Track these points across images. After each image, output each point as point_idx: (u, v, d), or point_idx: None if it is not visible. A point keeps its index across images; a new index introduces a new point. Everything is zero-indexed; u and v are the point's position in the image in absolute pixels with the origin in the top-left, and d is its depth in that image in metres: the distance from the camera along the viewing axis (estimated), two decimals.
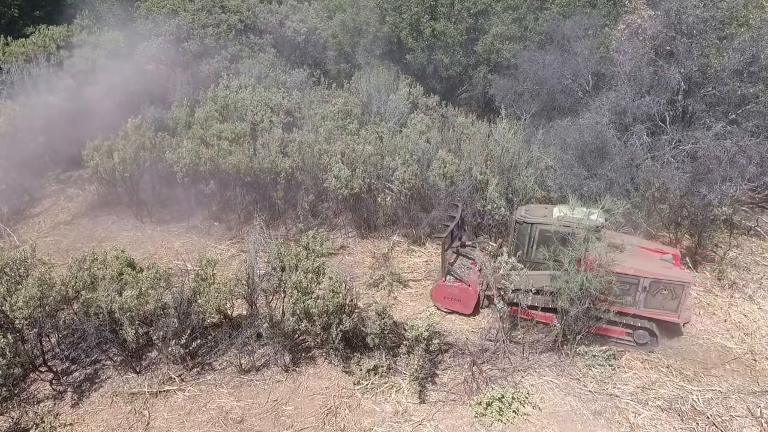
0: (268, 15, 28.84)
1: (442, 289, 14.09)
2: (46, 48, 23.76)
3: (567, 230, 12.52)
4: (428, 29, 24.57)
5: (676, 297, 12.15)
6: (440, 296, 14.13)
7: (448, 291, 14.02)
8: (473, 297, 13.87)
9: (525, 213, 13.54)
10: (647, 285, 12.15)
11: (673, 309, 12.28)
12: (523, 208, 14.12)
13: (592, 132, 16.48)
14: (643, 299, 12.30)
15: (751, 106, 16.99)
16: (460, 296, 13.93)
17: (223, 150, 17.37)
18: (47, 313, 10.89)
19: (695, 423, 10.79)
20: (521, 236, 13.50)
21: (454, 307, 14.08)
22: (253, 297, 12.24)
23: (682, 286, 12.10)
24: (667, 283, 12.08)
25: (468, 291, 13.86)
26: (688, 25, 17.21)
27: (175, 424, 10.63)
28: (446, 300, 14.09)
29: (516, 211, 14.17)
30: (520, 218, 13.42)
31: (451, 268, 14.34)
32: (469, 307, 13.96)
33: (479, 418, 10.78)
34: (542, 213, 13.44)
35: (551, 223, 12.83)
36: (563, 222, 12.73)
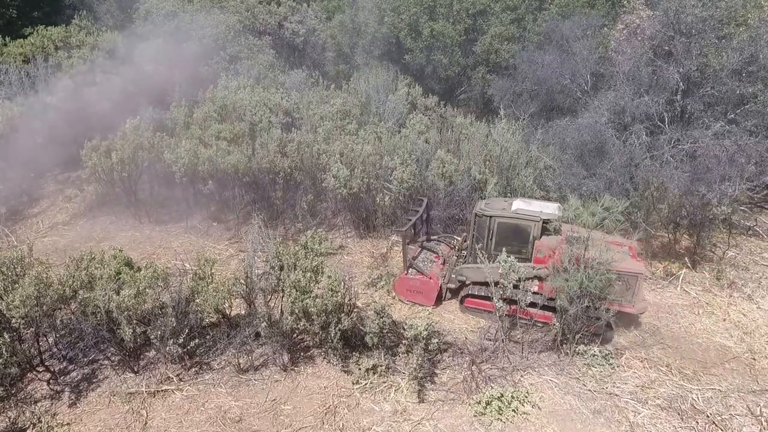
0: (266, 16, 28.85)
1: (404, 282, 14.35)
2: (44, 49, 23.80)
3: (524, 223, 13.04)
4: (427, 30, 24.59)
5: (630, 288, 12.23)
6: (403, 289, 14.38)
7: (410, 284, 14.29)
8: (434, 289, 14.16)
9: (484, 206, 13.77)
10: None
11: (628, 300, 12.34)
12: (483, 201, 14.33)
13: (590, 131, 16.49)
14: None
15: (750, 105, 17.00)
16: (422, 288, 14.21)
17: (221, 150, 17.34)
18: (44, 313, 10.84)
19: (695, 422, 10.76)
20: (481, 229, 13.73)
21: (416, 299, 14.34)
22: (251, 296, 12.20)
23: (635, 277, 12.18)
24: (621, 274, 12.04)
25: (429, 284, 14.14)
26: (686, 25, 17.22)
27: (173, 423, 10.58)
28: (408, 292, 14.36)
29: (476, 204, 14.32)
30: (480, 211, 13.65)
31: (413, 262, 14.59)
32: (431, 299, 14.24)
33: (478, 417, 10.73)
34: (501, 206, 13.69)
35: (509, 216, 13.21)
36: (519, 215, 13.13)
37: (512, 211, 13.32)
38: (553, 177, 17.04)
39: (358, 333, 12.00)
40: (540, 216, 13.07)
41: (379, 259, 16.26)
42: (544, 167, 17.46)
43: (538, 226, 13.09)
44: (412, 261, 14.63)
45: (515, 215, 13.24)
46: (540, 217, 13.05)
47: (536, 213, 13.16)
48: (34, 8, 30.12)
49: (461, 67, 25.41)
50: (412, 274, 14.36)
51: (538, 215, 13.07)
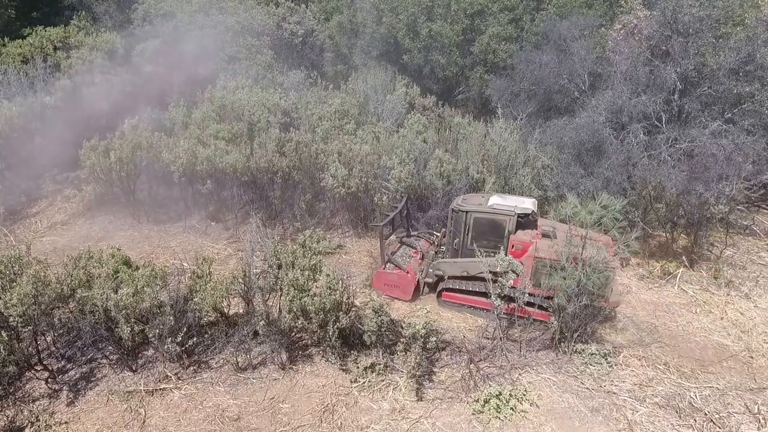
0: (265, 17, 28.87)
1: (382, 276, 14.53)
2: (42, 49, 23.79)
3: (499, 217, 13.28)
4: (425, 30, 24.62)
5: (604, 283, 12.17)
6: (380, 283, 14.53)
7: (388, 278, 14.48)
8: (411, 283, 14.35)
9: (461, 202, 13.98)
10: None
11: (603, 294, 12.28)
12: (460, 197, 14.56)
13: (588, 130, 16.51)
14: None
15: (747, 105, 17.04)
16: (399, 283, 14.40)
17: (219, 150, 17.35)
18: (42, 311, 10.83)
19: (693, 420, 10.76)
20: (457, 224, 13.91)
21: (394, 293, 14.49)
22: (249, 295, 12.19)
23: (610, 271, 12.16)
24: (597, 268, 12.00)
25: (406, 278, 14.33)
26: (684, 24, 17.26)
27: (171, 422, 10.57)
28: (386, 287, 14.51)
29: (453, 200, 14.53)
30: (456, 207, 13.86)
31: (391, 257, 14.83)
32: (408, 293, 14.42)
33: (477, 416, 10.73)
34: (478, 201, 13.92)
35: (485, 211, 13.43)
36: (494, 209, 13.36)
37: (488, 206, 13.53)
38: (550, 176, 17.08)
39: (356, 331, 12.01)
40: (515, 210, 13.26)
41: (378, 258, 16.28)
42: (541, 167, 17.48)
43: (513, 221, 13.26)
44: (390, 256, 14.90)
45: (491, 210, 13.45)
46: (515, 212, 13.24)
47: (511, 207, 13.35)
48: (32, 9, 30.16)
49: (459, 68, 25.45)
50: (389, 269, 14.58)
51: (513, 210, 13.26)
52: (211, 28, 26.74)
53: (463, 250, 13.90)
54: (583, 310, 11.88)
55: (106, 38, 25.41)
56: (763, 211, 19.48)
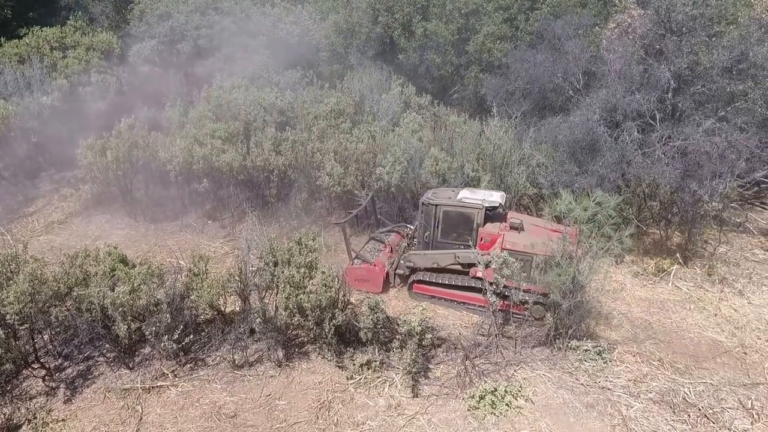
0: (261, 17, 28.91)
1: (351, 272, 14.67)
2: (39, 49, 23.78)
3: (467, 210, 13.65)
4: (420, 29, 24.69)
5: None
6: (351, 278, 14.43)
7: (357, 273, 14.74)
8: (380, 276, 14.76)
9: (431, 195, 14.32)
10: (540, 261, 12.47)
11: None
12: (431, 191, 14.92)
13: (583, 128, 16.58)
14: (536, 275, 12.58)
15: (740, 103, 17.11)
16: (368, 276, 14.78)
17: (216, 148, 17.38)
18: (39, 309, 10.87)
19: (687, 415, 10.83)
20: (428, 217, 14.19)
21: (364, 287, 14.76)
22: (245, 292, 12.24)
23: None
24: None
25: (374, 271, 14.74)
26: (677, 23, 17.32)
27: (168, 419, 10.61)
28: (357, 281, 14.66)
29: (424, 194, 14.77)
30: (426, 200, 14.15)
31: (359, 252, 15.27)
32: (378, 286, 14.83)
33: (472, 412, 10.79)
34: (447, 195, 14.25)
35: (453, 205, 13.80)
36: (462, 203, 13.71)
37: (457, 200, 13.83)
38: (545, 174, 17.15)
39: (352, 329, 12.06)
40: (483, 204, 13.57)
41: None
42: (536, 165, 17.55)
43: (480, 214, 13.62)
44: (356, 251, 15.32)
45: (459, 204, 13.77)
46: (483, 205, 13.56)
47: (479, 201, 13.65)
48: (29, 9, 30.13)
49: (454, 67, 25.51)
50: (357, 264, 14.90)
51: (481, 203, 13.57)
52: (207, 28, 26.76)
53: (433, 242, 14.25)
54: (578, 306, 11.95)
55: (103, 38, 25.42)
56: (756, 209, 19.57)
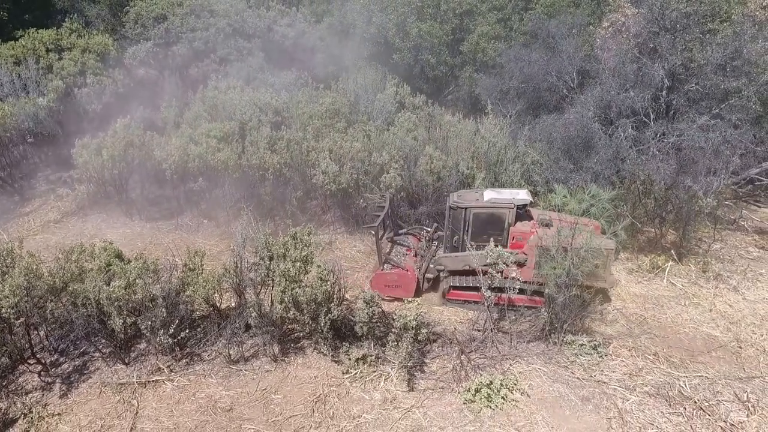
0: (256, 20, 28.92)
1: (381, 277, 14.27)
2: (35, 51, 23.77)
3: (498, 211, 13.41)
4: (414, 30, 24.78)
5: (602, 265, 12.63)
6: (380, 284, 14.22)
7: (388, 278, 14.26)
8: (413, 281, 14.23)
9: (458, 199, 13.99)
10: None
11: (602, 276, 12.81)
12: (455, 194, 14.50)
13: (577, 125, 16.64)
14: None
15: (734, 100, 17.20)
16: (400, 282, 14.22)
17: (211, 147, 17.39)
18: (34, 303, 10.85)
19: (683, 408, 10.86)
20: (455, 221, 13.99)
21: (395, 293, 14.28)
22: (241, 287, 12.24)
23: (607, 253, 12.67)
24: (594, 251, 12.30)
25: (407, 276, 14.20)
26: (671, 20, 17.42)
27: (163, 412, 10.61)
28: (387, 287, 14.23)
29: (449, 197, 14.52)
30: (454, 204, 13.88)
31: (388, 256, 14.75)
32: (410, 291, 14.25)
33: (468, 405, 10.80)
34: (474, 197, 13.97)
35: (484, 206, 13.52)
36: (493, 203, 13.47)
37: (486, 201, 13.58)
38: (540, 171, 17.19)
39: (348, 323, 12.11)
40: (513, 202, 13.38)
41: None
42: (531, 162, 17.59)
43: (512, 213, 13.44)
44: (387, 255, 14.79)
45: (490, 204, 13.52)
46: (514, 204, 13.36)
47: (509, 200, 13.46)
48: (25, 11, 30.14)
49: (449, 67, 25.60)
50: (387, 269, 14.42)
51: (512, 202, 13.38)
52: (202, 30, 26.80)
53: (462, 245, 13.92)
54: (573, 300, 11.98)
55: (98, 40, 25.42)
56: (751, 207, 19.65)
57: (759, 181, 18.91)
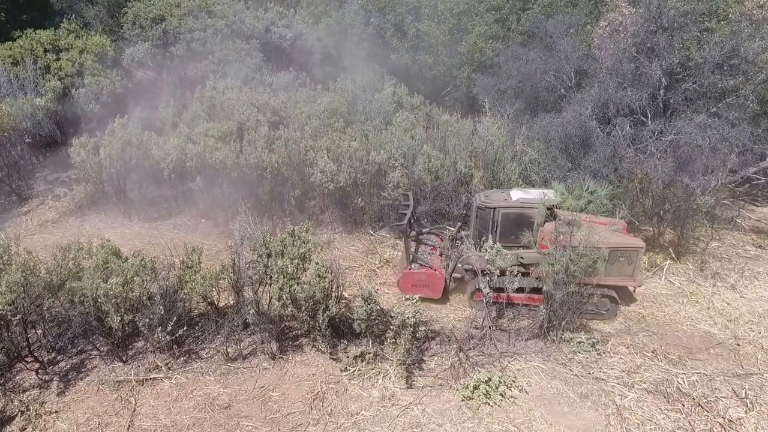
0: (254, 21, 28.93)
1: (409, 277, 14.04)
2: (32, 51, 23.76)
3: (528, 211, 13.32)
4: (412, 30, 24.83)
5: (632, 262, 12.71)
6: (408, 284, 14.03)
7: (416, 278, 14.01)
8: (441, 281, 13.99)
9: (485, 199, 13.87)
10: (606, 254, 12.52)
11: (630, 274, 12.86)
12: (481, 194, 14.39)
13: (575, 124, 16.66)
14: (603, 268, 12.63)
15: (732, 99, 17.23)
16: (428, 281, 13.96)
17: (209, 146, 17.37)
18: (31, 300, 10.83)
19: (681, 404, 10.86)
20: (483, 222, 13.85)
21: (422, 293, 13.87)
22: (239, 284, 12.22)
23: (636, 251, 12.68)
24: (624, 250, 12.58)
25: (435, 275, 13.94)
26: (669, 19, 17.45)
27: (161, 410, 10.59)
28: (414, 287, 13.97)
29: (475, 197, 14.41)
30: (482, 204, 13.76)
31: (416, 255, 14.49)
32: (438, 291, 14.03)
33: (466, 402, 10.79)
34: (501, 197, 13.85)
35: (513, 206, 13.42)
36: (522, 203, 13.40)
37: (514, 201, 13.50)
38: (538, 170, 17.20)
39: (346, 321, 12.11)
40: (543, 203, 13.35)
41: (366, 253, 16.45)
42: (529, 161, 17.60)
43: (542, 213, 13.35)
44: (415, 254, 14.54)
45: (519, 204, 13.43)
46: (543, 204, 13.32)
47: (539, 200, 13.43)
48: (22, 12, 30.14)
49: (446, 67, 25.62)
50: (415, 268, 14.16)
51: (542, 202, 13.35)
52: (200, 31, 26.80)
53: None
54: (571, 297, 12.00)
55: (96, 41, 25.43)
56: (748, 207, 19.67)
57: (756, 180, 18.93)
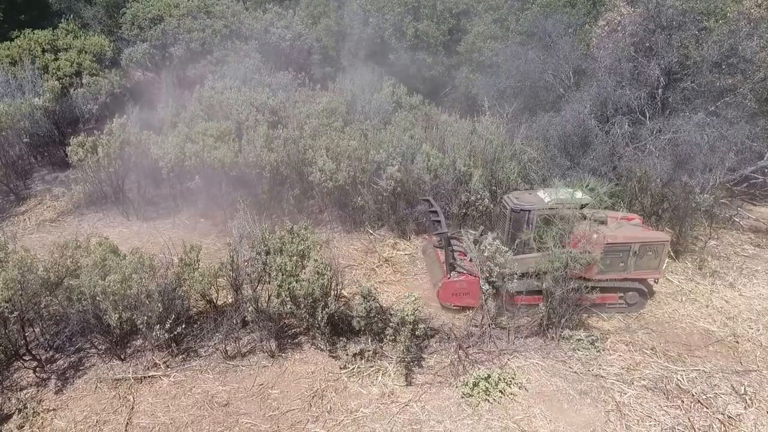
0: (253, 22, 28.92)
1: (450, 286, 13.31)
2: (31, 51, 23.74)
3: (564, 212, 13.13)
4: (411, 29, 24.83)
5: (657, 255, 13.01)
6: (448, 294, 13.38)
7: (456, 287, 13.30)
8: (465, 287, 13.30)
9: (517, 201, 13.72)
10: (637, 249, 12.83)
11: (655, 267, 13.18)
12: (512, 195, 14.20)
13: (574, 122, 16.67)
14: (633, 263, 12.97)
15: (730, 97, 17.26)
16: (469, 289, 13.22)
17: (208, 145, 17.34)
18: (29, 298, 10.80)
19: (680, 401, 10.90)
20: (517, 224, 13.67)
21: (464, 302, 13.37)
22: (237, 282, 12.20)
23: (663, 244, 13.02)
24: (652, 244, 12.88)
25: (476, 282, 13.01)
26: (667, 17, 17.48)
27: (160, 407, 10.57)
28: (455, 297, 13.37)
29: (505, 200, 14.15)
30: (516, 206, 13.53)
31: (455, 263, 13.67)
32: (477, 298, 13.09)
33: (466, 399, 10.79)
34: (533, 199, 13.73)
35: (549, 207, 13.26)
36: (558, 204, 13.27)
37: (549, 202, 13.35)
38: (537, 169, 17.21)
39: (346, 319, 12.08)
40: (579, 203, 13.37)
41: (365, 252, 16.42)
42: (528, 160, 17.60)
43: (577, 213, 13.25)
44: (454, 261, 13.74)
45: (554, 205, 13.28)
46: (579, 204, 13.34)
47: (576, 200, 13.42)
48: (20, 12, 30.11)
49: (445, 67, 25.65)
50: (455, 277, 13.35)
51: (579, 203, 13.36)
52: (199, 32, 26.78)
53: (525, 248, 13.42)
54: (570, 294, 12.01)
55: (95, 41, 25.40)
56: (746, 206, 19.69)
57: (754, 180, 18.96)
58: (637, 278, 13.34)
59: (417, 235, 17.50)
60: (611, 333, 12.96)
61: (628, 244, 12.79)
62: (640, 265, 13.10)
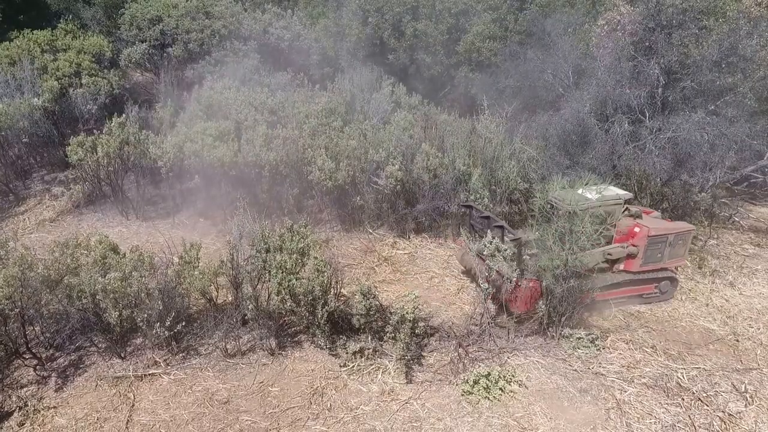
0: (252, 22, 28.90)
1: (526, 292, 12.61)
2: (30, 51, 23.70)
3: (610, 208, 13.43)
4: (410, 29, 24.84)
5: (685, 243, 13.78)
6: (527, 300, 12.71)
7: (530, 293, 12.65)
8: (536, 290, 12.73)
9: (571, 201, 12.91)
10: (672, 239, 13.53)
11: (682, 254, 13.98)
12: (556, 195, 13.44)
13: (573, 121, 16.68)
14: (668, 253, 13.69)
15: (730, 96, 17.28)
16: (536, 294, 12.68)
17: (207, 145, 17.33)
18: (29, 295, 10.78)
19: (681, 398, 10.93)
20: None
21: (532, 307, 12.72)
22: (237, 280, 12.18)
23: (690, 233, 13.80)
24: (683, 234, 13.67)
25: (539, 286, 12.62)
26: (667, 16, 17.49)
27: (160, 405, 10.56)
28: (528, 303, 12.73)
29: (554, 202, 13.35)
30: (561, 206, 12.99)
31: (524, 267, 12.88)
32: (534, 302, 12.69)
33: (466, 396, 10.80)
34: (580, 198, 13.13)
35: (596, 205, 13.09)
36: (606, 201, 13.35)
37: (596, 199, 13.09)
38: (536, 168, 17.21)
39: (345, 317, 12.09)
40: (623, 198, 13.55)
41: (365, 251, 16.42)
42: (527, 159, 17.59)
43: (620, 209, 13.61)
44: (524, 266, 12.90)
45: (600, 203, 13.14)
46: (623, 199, 13.52)
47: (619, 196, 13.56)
48: (19, 12, 30.09)
49: (444, 67, 25.63)
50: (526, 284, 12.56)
51: (622, 198, 13.53)
52: (198, 32, 26.77)
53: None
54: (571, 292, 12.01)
55: (93, 41, 25.37)
56: (746, 206, 19.72)
57: (754, 179, 18.98)
58: (668, 267, 13.95)
59: (416, 234, 17.49)
60: (611, 331, 12.98)
61: (666, 235, 13.42)
62: (673, 255, 13.73)
